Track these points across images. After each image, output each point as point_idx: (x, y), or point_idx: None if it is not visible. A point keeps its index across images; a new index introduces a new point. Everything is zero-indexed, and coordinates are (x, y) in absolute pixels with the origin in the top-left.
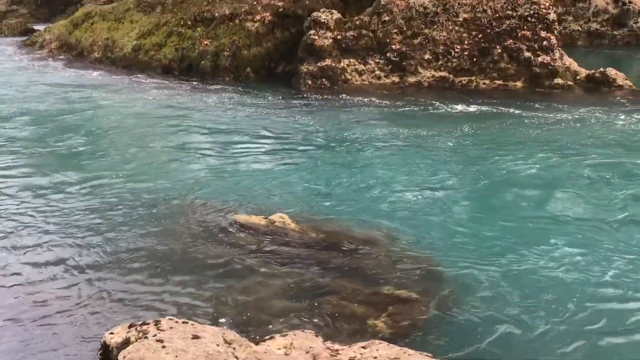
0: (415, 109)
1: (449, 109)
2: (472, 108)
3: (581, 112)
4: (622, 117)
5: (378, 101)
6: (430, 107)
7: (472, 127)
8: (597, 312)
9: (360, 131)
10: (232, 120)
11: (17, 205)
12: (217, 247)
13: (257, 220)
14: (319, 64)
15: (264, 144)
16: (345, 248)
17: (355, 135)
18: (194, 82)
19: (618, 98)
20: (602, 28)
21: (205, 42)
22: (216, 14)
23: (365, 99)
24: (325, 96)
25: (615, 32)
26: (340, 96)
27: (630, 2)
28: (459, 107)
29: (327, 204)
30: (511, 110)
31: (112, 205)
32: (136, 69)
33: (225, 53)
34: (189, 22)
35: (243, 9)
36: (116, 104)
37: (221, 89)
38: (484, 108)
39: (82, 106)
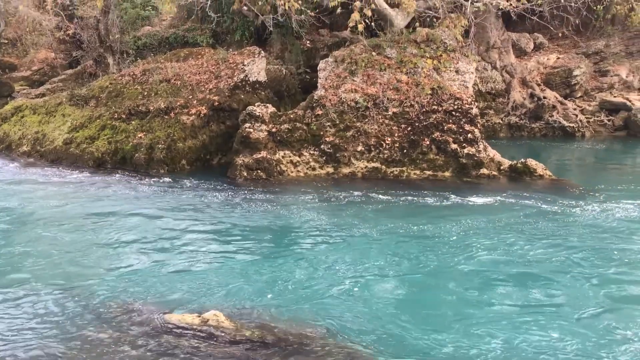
0: (349, 199)
1: (382, 200)
2: (404, 198)
3: (506, 201)
4: (544, 205)
5: (313, 192)
6: (363, 198)
7: (404, 217)
8: None
9: (295, 223)
10: (165, 213)
11: None
12: (145, 352)
13: (190, 319)
14: (254, 156)
15: (198, 238)
16: (281, 346)
17: (291, 228)
18: (127, 175)
19: (539, 187)
20: (521, 121)
21: (139, 135)
22: (151, 108)
23: (300, 190)
24: (260, 188)
25: (532, 125)
26: (275, 187)
27: (544, 98)
28: (391, 198)
29: (263, 298)
30: (441, 200)
31: (32, 310)
32: (67, 162)
33: (160, 145)
34: (124, 116)
35: (178, 103)
36: (39, 199)
37: (155, 182)
38: (415, 198)
39: None
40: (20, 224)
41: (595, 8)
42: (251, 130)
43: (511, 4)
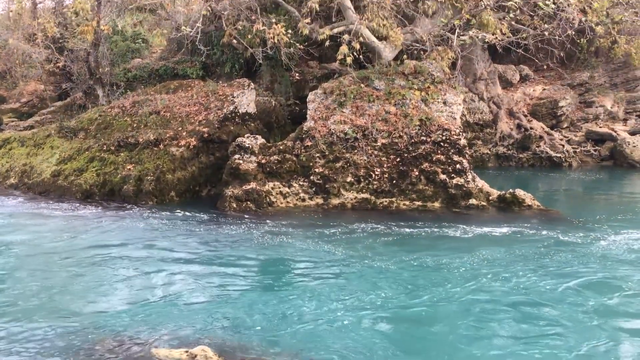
0: (339, 231)
1: (372, 231)
2: (394, 229)
3: (495, 233)
4: (534, 236)
5: (302, 223)
6: (353, 230)
7: (394, 249)
8: None
9: (285, 256)
10: (153, 246)
11: None
12: None
13: (178, 354)
14: (243, 187)
15: (187, 270)
16: None
17: (281, 260)
18: (115, 208)
19: (528, 217)
20: (509, 151)
21: (128, 167)
22: (140, 140)
23: (290, 222)
24: (250, 219)
25: (520, 155)
26: (265, 219)
27: (531, 128)
28: (381, 229)
29: (252, 332)
30: (431, 231)
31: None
32: (54, 194)
33: (149, 177)
34: (112, 148)
35: (168, 135)
36: (24, 233)
37: (143, 214)
38: (405, 229)
39: None
40: (2, 258)
41: (579, 41)
42: (241, 161)
43: (497, 38)
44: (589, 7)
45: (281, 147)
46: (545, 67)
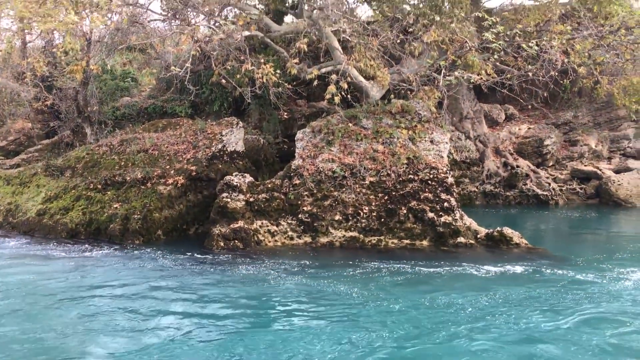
0: (327, 270)
1: (360, 271)
2: (382, 268)
3: (484, 271)
4: (522, 274)
5: (290, 262)
6: (341, 269)
7: (382, 290)
8: None
9: (273, 296)
10: (139, 287)
11: None
12: None
13: None
14: (231, 225)
15: (173, 312)
16: None
17: (268, 301)
18: (101, 247)
19: (516, 256)
20: (496, 189)
21: (115, 206)
22: (128, 178)
23: (278, 261)
24: (237, 258)
25: (507, 193)
26: (252, 258)
27: (518, 167)
28: (370, 268)
29: None
30: (420, 270)
31: None
32: (40, 233)
33: (136, 216)
34: (99, 186)
35: (156, 173)
36: (2, 273)
37: (129, 254)
38: (394, 269)
39: None
40: None
41: (562, 82)
42: (228, 200)
43: (482, 78)
44: (571, 49)
45: (269, 186)
46: (529, 106)
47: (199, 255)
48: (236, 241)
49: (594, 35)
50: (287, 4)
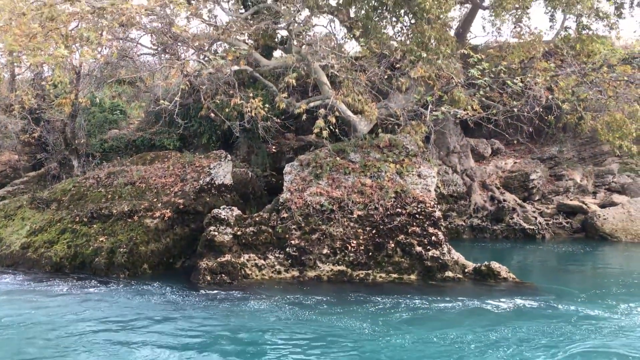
0: (315, 305)
1: (348, 305)
2: (370, 303)
3: (472, 306)
4: (511, 310)
5: (277, 297)
6: (329, 303)
7: (370, 325)
8: None
9: (259, 332)
10: (123, 323)
11: None
12: None
13: None
14: (218, 259)
15: (159, 347)
16: None
17: (254, 337)
18: (85, 281)
19: (504, 290)
20: (483, 223)
21: (101, 239)
22: (114, 211)
23: (265, 295)
24: (224, 292)
25: (494, 227)
26: (239, 292)
27: (504, 200)
28: (357, 303)
29: None
30: (408, 305)
31: None
32: (23, 267)
33: (122, 249)
34: (85, 219)
35: (143, 206)
36: None
37: (114, 288)
38: (381, 303)
39: None
40: None
41: (546, 117)
42: (216, 233)
43: (468, 113)
44: (555, 86)
45: (257, 219)
46: (515, 141)
47: (185, 290)
48: (223, 275)
49: (577, 73)
50: (276, 40)
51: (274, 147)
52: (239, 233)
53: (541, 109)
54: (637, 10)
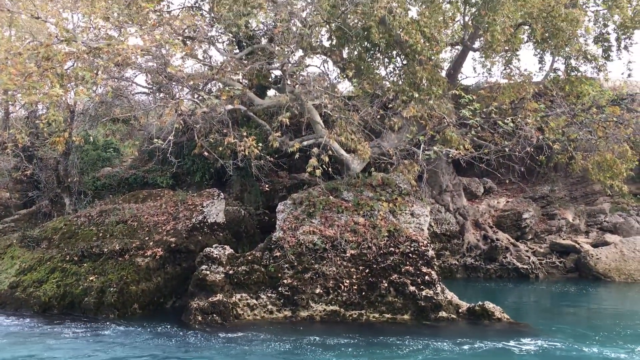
0: (307, 345)
1: (341, 346)
2: (363, 344)
3: (467, 346)
4: (505, 351)
5: (270, 338)
6: (322, 345)
7: None
8: None
9: None
10: None
11: None
12: None
13: None
14: (210, 299)
15: None
16: None
17: None
18: (73, 322)
19: (498, 331)
20: (476, 262)
21: (91, 278)
22: (105, 249)
23: (257, 336)
24: (216, 333)
25: (488, 266)
26: (231, 333)
27: (497, 240)
28: (351, 344)
29: None
30: (402, 347)
31: None
32: (11, 307)
33: (112, 289)
34: (76, 258)
35: (134, 244)
36: None
37: (103, 329)
38: (375, 344)
39: None
40: None
41: (538, 157)
42: (208, 272)
43: (460, 152)
44: (545, 126)
45: (249, 258)
46: (507, 180)
47: (176, 330)
48: (214, 315)
49: (567, 113)
50: (270, 79)
51: (267, 185)
52: (231, 272)
53: (532, 149)
54: (624, 52)
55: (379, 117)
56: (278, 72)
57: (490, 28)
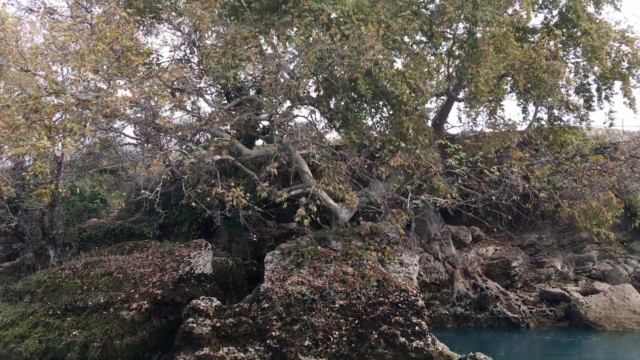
0: None
1: None
2: None
3: None
4: None
5: None
6: None
7: None
8: None
9: None
10: None
11: None
12: None
13: None
14: (196, 352)
15: None
16: None
17: None
18: None
19: None
20: (467, 312)
21: (74, 333)
22: (89, 303)
23: None
24: None
25: (478, 316)
26: None
27: (487, 288)
28: None
29: None
30: None
31: None
32: None
33: (96, 344)
34: (59, 312)
35: (119, 297)
36: None
37: None
38: None
39: None
40: None
41: (524, 205)
42: (194, 325)
43: (447, 201)
44: (531, 174)
45: (237, 310)
46: (495, 228)
47: None
48: None
49: (551, 162)
50: (258, 130)
51: (255, 235)
52: (218, 325)
53: (519, 197)
54: (605, 102)
55: (366, 166)
56: (266, 123)
57: (473, 79)
